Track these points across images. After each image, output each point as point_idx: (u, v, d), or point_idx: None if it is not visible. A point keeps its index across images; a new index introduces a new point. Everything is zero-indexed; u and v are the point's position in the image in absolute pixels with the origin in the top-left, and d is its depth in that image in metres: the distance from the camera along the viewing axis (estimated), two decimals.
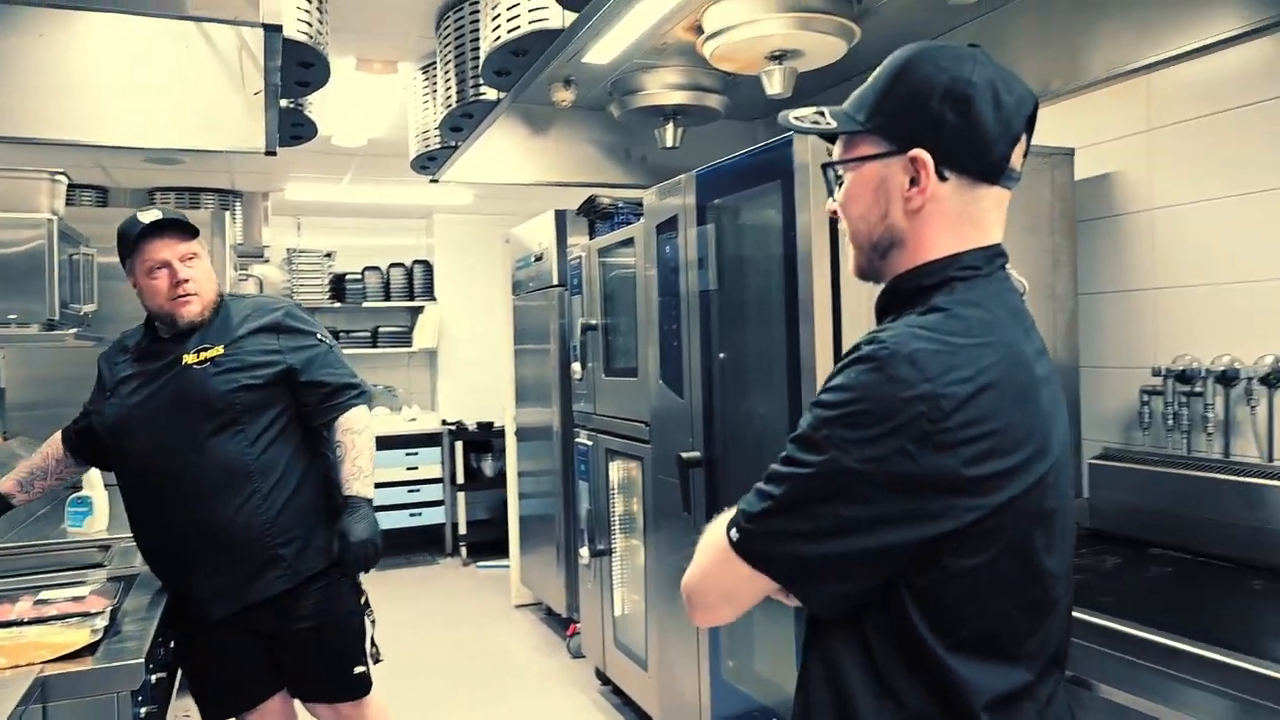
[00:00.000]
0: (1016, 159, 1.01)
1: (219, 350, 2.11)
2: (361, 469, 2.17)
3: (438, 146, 3.72)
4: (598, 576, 3.79)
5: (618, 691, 3.75)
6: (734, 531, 0.96)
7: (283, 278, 6.45)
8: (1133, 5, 2.31)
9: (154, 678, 1.68)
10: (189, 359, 2.09)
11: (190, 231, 2.14)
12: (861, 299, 2.14)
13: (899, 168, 0.99)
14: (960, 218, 1.00)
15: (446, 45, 3.20)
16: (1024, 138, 1.01)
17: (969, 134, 0.96)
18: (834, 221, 2.12)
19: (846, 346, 2.09)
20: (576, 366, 3.92)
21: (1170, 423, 2.23)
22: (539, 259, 4.59)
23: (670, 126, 3.41)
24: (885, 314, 1.06)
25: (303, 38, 2.47)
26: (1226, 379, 2.11)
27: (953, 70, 0.97)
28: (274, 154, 2.94)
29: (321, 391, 2.18)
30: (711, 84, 3.25)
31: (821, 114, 1.05)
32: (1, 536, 2.47)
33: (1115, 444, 2.39)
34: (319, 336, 2.24)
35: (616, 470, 3.63)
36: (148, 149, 3.42)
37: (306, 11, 2.48)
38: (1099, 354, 2.47)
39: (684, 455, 2.65)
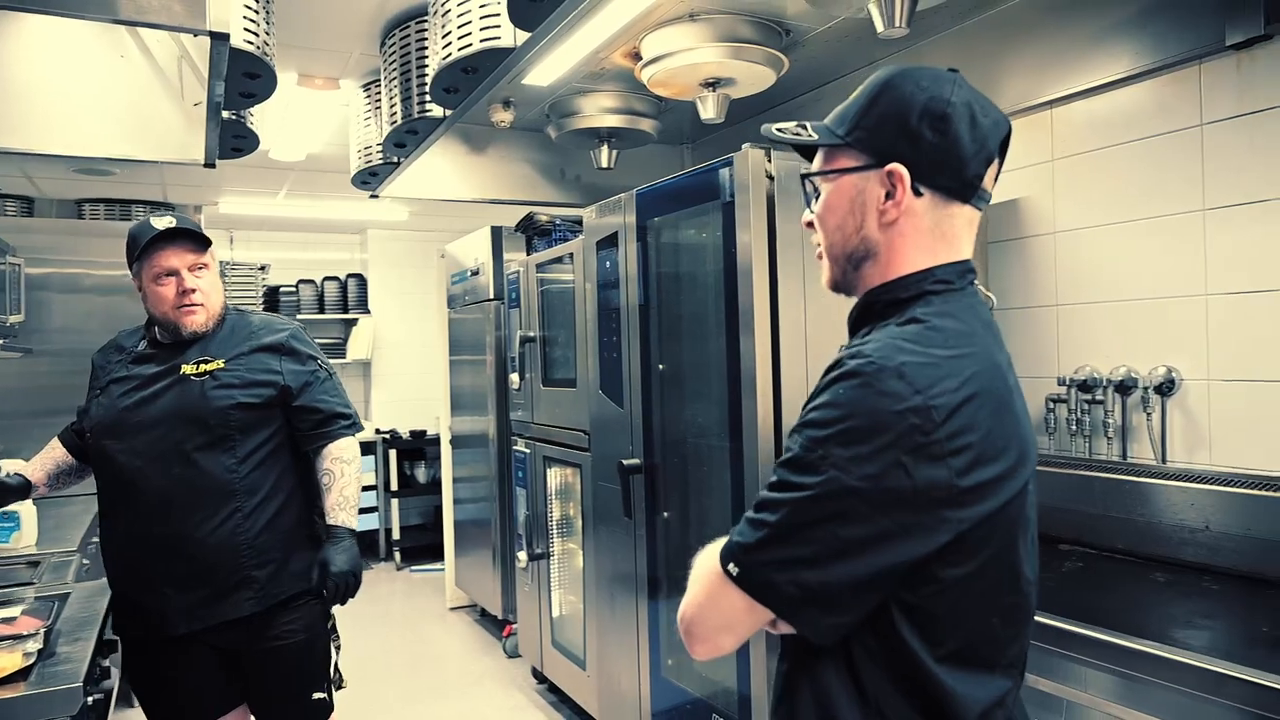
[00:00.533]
0: (989, 180, 0.99)
1: (219, 364, 1.98)
2: (347, 499, 2.04)
3: (380, 162, 3.57)
4: (535, 579, 3.68)
5: (554, 690, 3.64)
6: (731, 565, 0.89)
7: None
8: (1039, 44, 2.36)
9: (91, 699, 1.52)
10: (188, 369, 1.96)
11: (203, 242, 1.99)
12: (798, 313, 2.12)
13: (876, 181, 0.97)
14: (933, 233, 0.97)
15: (391, 62, 3.08)
16: (996, 160, 0.99)
17: (945, 151, 0.94)
18: (772, 239, 2.12)
19: (784, 357, 2.09)
20: (515, 377, 3.81)
21: (1074, 428, 2.28)
22: (475, 274, 4.47)
23: (605, 148, 3.37)
24: (859, 326, 1.02)
25: (250, 47, 2.32)
26: (1124, 388, 2.17)
27: (932, 90, 0.95)
28: (213, 166, 2.77)
29: (314, 417, 2.05)
30: (645, 109, 3.22)
31: (804, 127, 1.02)
32: None
33: None
34: (320, 363, 2.12)
35: (554, 476, 3.53)
36: (79, 157, 3.19)
37: (254, 21, 2.33)
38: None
39: (625, 462, 2.59)
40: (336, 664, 2.14)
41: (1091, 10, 2.23)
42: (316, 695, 2.08)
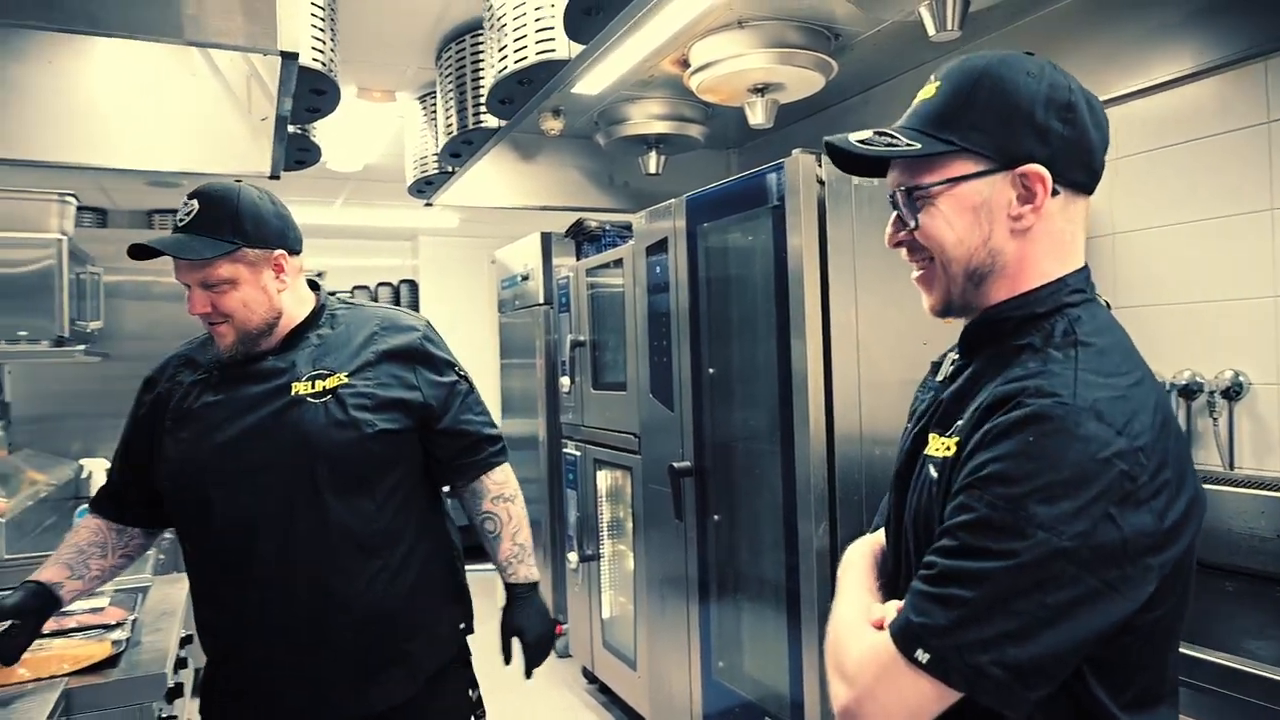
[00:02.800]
0: None
1: (341, 379, 1.49)
2: (523, 548, 1.67)
3: (434, 171, 3.67)
4: (586, 580, 3.73)
5: (605, 690, 3.68)
6: (920, 652, 0.78)
7: None
8: (1095, 43, 2.33)
9: (173, 682, 1.60)
10: (301, 388, 1.47)
11: (202, 256, 1.43)
12: (849, 316, 2.13)
13: (1005, 185, 0.86)
14: (1064, 236, 0.88)
15: (447, 75, 3.16)
16: None
17: (1078, 143, 0.86)
18: (823, 243, 2.14)
19: (836, 361, 2.10)
20: (565, 380, 3.86)
21: None
22: (525, 279, 4.54)
23: (653, 154, 3.41)
24: (984, 346, 0.91)
25: (316, 65, 2.42)
26: (1189, 392, 2.13)
27: (1048, 78, 0.86)
28: (277, 178, 2.88)
29: (459, 443, 1.61)
30: (693, 115, 3.25)
31: (894, 138, 0.90)
32: (12, 548, 2.35)
33: None
34: (458, 370, 1.65)
35: (604, 479, 3.57)
36: (153, 172, 3.33)
37: (320, 40, 2.42)
38: None
39: (676, 465, 2.62)
40: None
41: (1150, 7, 2.20)
42: None
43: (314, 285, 1.65)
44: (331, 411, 1.46)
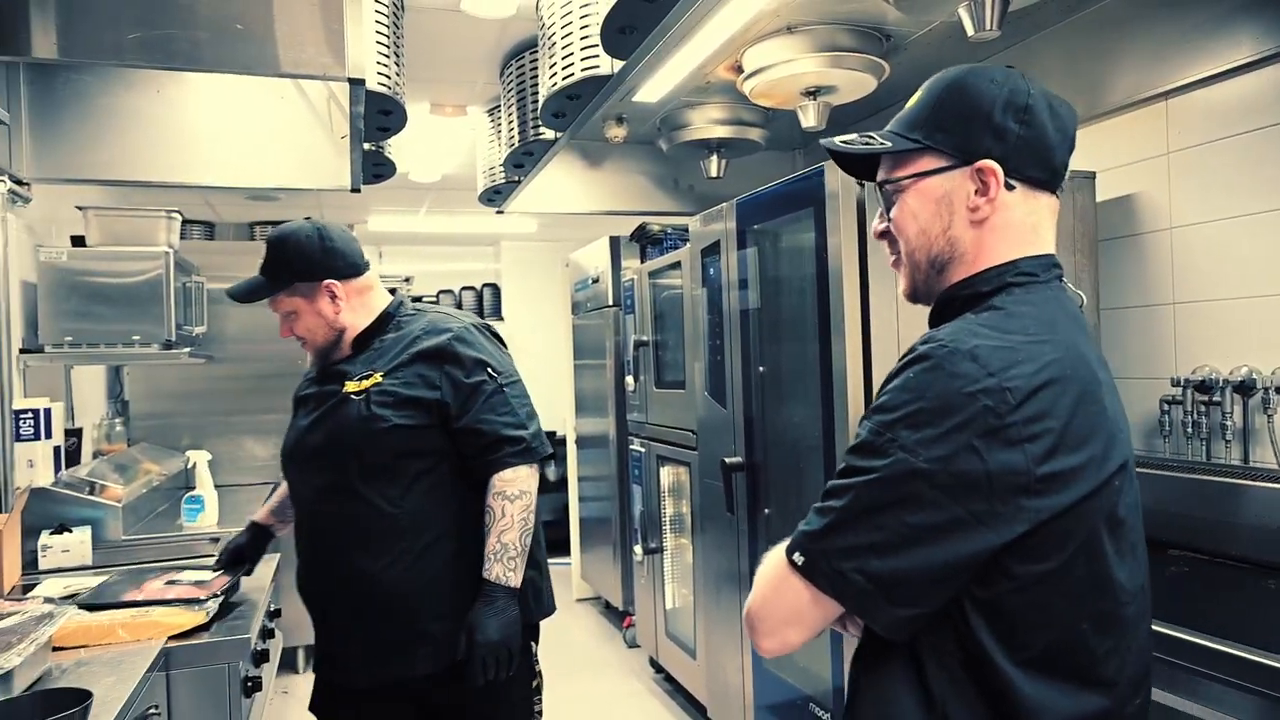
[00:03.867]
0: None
1: (377, 378, 1.69)
2: (506, 547, 1.66)
3: (503, 181, 3.85)
4: (651, 572, 3.84)
5: (669, 679, 3.79)
6: (797, 554, 0.86)
7: None
8: (1152, 34, 2.30)
9: (258, 649, 1.79)
10: (350, 387, 1.70)
11: (252, 297, 1.79)
12: (890, 315, 2.17)
13: (964, 179, 0.94)
14: (1022, 227, 0.95)
15: (510, 90, 3.33)
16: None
17: (1033, 142, 0.93)
18: (863, 243, 2.18)
19: (876, 359, 2.15)
20: (630, 380, 3.99)
21: (1189, 431, 2.20)
22: (595, 281, 4.69)
23: (714, 158, 3.48)
24: (941, 323, 0.96)
25: (383, 89, 2.61)
26: (1244, 388, 2.08)
27: (1009, 84, 0.94)
28: (358, 191, 3.11)
29: (479, 441, 1.69)
30: (752, 118, 3.31)
31: (871, 138, 0.99)
32: (130, 529, 2.62)
33: (1138, 451, 2.37)
34: (491, 369, 1.72)
35: (667, 475, 3.68)
36: (249, 188, 3.62)
37: (385, 65, 2.61)
38: (1122, 366, 2.44)
39: (727, 460, 2.70)
40: (538, 714, 1.86)
41: None
42: None
43: (394, 291, 1.90)
44: (362, 408, 1.67)
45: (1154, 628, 1.48)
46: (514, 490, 1.70)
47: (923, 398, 0.82)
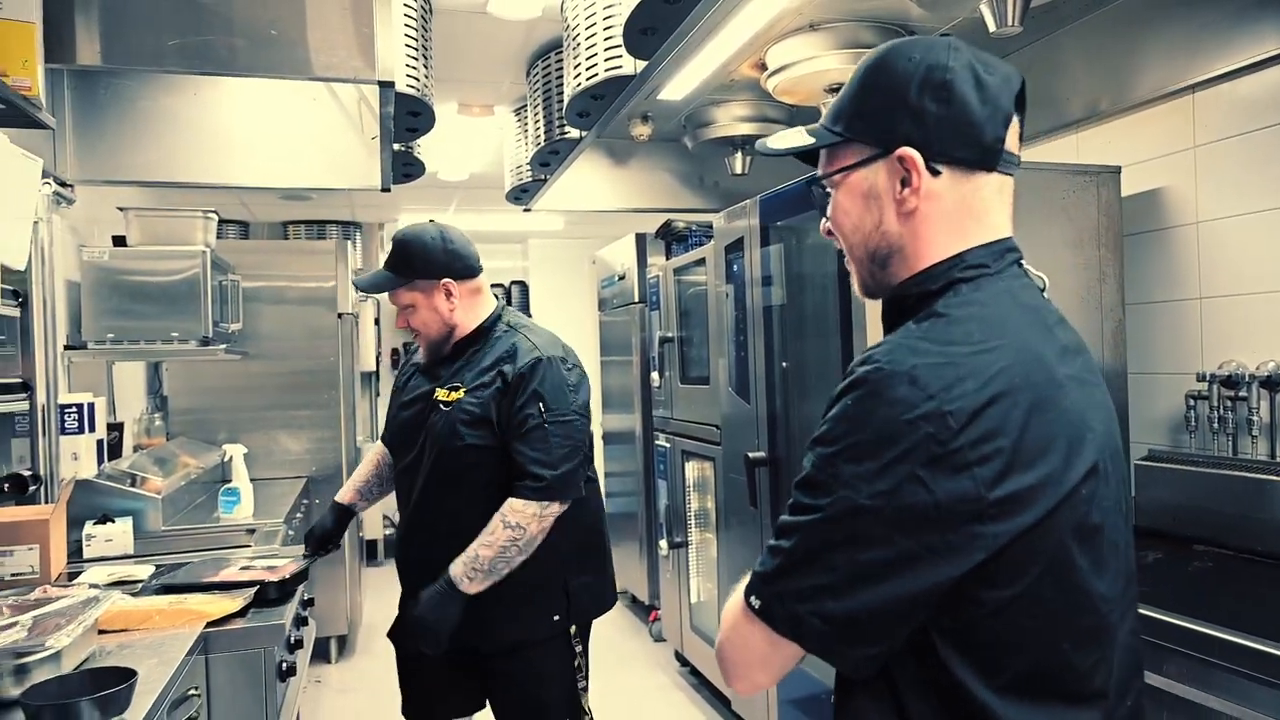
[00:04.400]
0: (1012, 141, 0.89)
1: (461, 393, 1.89)
2: (477, 559, 1.80)
3: (529, 179, 3.89)
4: (676, 567, 3.88)
5: (695, 673, 3.82)
6: (753, 597, 0.82)
7: None
8: (1177, 27, 2.28)
9: (293, 637, 1.86)
10: (440, 394, 1.92)
11: (375, 289, 2.01)
12: None
13: (886, 171, 0.88)
14: (959, 213, 0.88)
15: (535, 90, 3.37)
16: (1016, 118, 0.89)
17: (955, 121, 0.85)
18: None
19: None
20: (655, 376, 4.02)
21: (1215, 426, 2.19)
22: (622, 278, 4.72)
23: (739, 155, 3.50)
24: (893, 327, 0.92)
25: (411, 91, 2.66)
26: (1271, 384, 2.07)
27: (926, 59, 0.86)
28: (388, 190, 3.17)
29: (513, 468, 1.84)
30: (776, 115, 3.32)
31: (800, 132, 0.95)
32: (169, 520, 2.71)
33: (1163, 446, 2.36)
34: (543, 404, 1.84)
35: (692, 470, 3.71)
36: (282, 188, 3.71)
37: (414, 68, 2.67)
38: (1147, 360, 2.43)
39: (751, 455, 2.73)
40: (585, 704, 2.00)
41: None
42: None
43: (498, 297, 2.09)
44: (446, 417, 1.89)
45: (1179, 623, 1.52)
46: (514, 519, 1.81)
47: (861, 429, 0.78)
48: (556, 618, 1.92)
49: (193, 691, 1.55)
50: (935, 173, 0.87)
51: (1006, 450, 0.76)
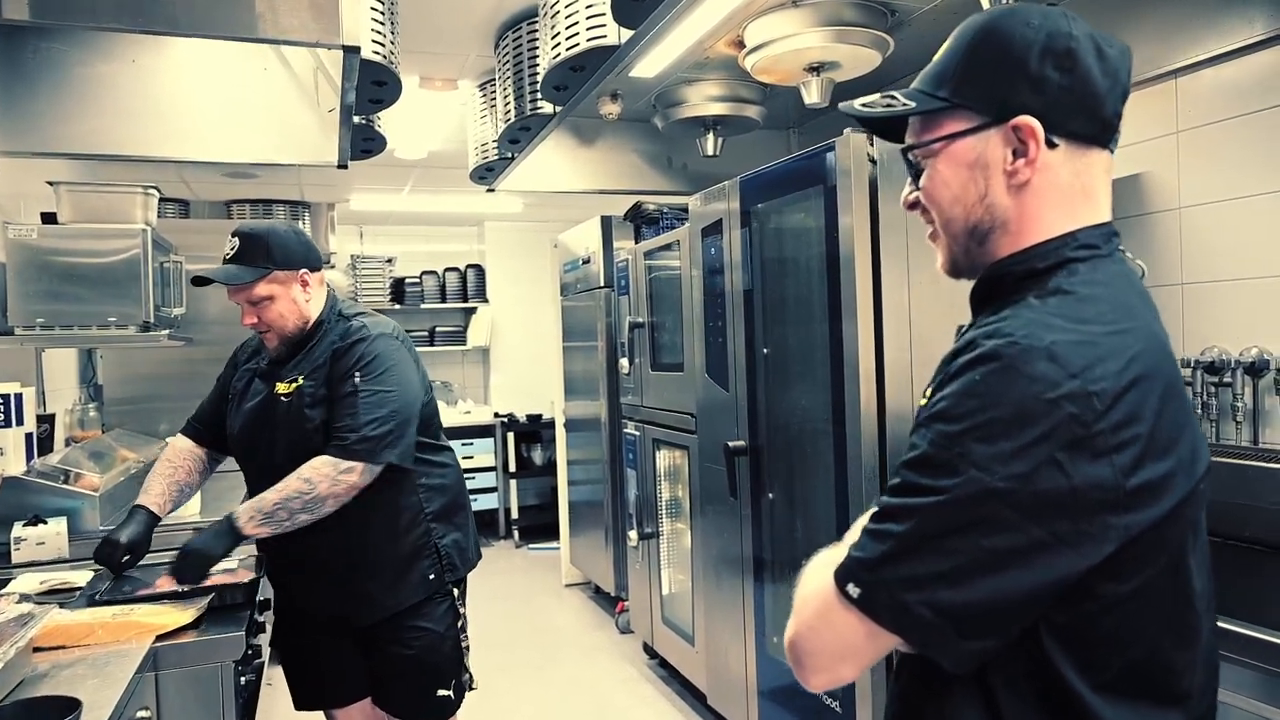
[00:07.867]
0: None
1: (300, 381, 1.93)
2: (261, 501, 1.81)
3: (495, 158, 3.74)
4: (645, 558, 3.79)
5: (665, 665, 3.75)
6: (851, 585, 0.75)
7: (347, 283, 6.55)
8: (1161, 12, 2.25)
9: (250, 648, 1.71)
10: (280, 388, 1.95)
11: (237, 280, 1.90)
12: (901, 297, 2.11)
13: (998, 140, 0.83)
14: (1072, 190, 0.83)
15: (505, 63, 3.21)
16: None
17: (1078, 92, 0.81)
18: (875, 223, 2.12)
19: (888, 341, 2.09)
20: (624, 362, 3.91)
21: (1199, 412, 2.17)
22: (586, 262, 4.60)
23: (711, 136, 3.41)
24: (986, 304, 0.87)
25: (378, 58, 2.49)
26: (1255, 369, 2.05)
27: (1048, 26, 0.81)
28: (345, 167, 2.98)
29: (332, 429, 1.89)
30: (750, 95, 3.24)
31: (893, 98, 0.89)
32: (107, 519, 2.51)
33: None
34: (358, 377, 1.89)
35: (663, 458, 3.62)
36: (228, 164, 3.49)
37: (380, 33, 2.50)
38: None
39: (731, 444, 2.64)
40: (466, 664, 2.11)
41: None
42: (441, 692, 2.05)
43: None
44: (291, 408, 1.92)
45: None
46: (308, 474, 1.82)
47: (995, 405, 0.72)
48: (432, 576, 2.02)
49: (142, 713, 1.41)
50: (1052, 145, 0.82)
51: (1144, 437, 0.72)
